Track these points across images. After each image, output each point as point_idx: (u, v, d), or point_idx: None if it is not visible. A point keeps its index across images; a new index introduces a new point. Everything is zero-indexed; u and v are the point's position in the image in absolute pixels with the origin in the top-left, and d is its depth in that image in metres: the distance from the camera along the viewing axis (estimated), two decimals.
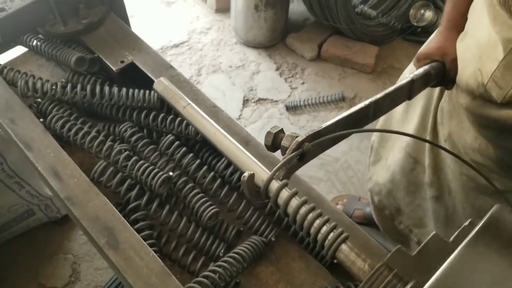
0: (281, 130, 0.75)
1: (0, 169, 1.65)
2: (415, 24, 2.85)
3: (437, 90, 1.22)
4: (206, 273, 0.92)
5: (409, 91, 0.99)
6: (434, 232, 0.67)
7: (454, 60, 1.04)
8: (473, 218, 1.17)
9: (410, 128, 1.34)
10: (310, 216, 0.70)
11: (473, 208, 1.18)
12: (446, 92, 1.16)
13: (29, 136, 1.05)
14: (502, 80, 0.88)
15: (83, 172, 1.00)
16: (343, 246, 0.66)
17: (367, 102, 0.86)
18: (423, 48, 1.11)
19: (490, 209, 1.07)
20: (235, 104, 2.53)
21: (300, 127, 2.45)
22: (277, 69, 2.73)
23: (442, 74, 1.06)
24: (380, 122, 1.52)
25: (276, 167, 0.71)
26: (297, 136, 0.73)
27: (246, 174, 0.72)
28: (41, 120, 1.10)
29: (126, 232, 0.92)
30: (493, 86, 0.91)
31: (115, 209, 0.95)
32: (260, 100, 2.57)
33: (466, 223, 0.67)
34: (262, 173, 0.79)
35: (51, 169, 1.00)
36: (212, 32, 2.92)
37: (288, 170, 0.74)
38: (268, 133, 0.75)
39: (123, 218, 0.94)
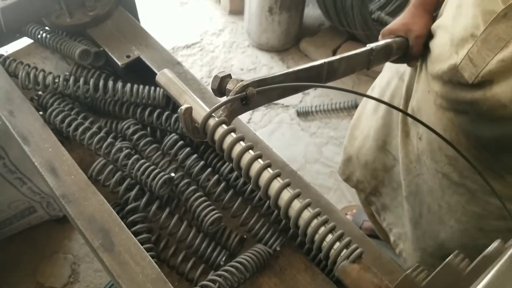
0: (229, 75, 0.74)
1: (2, 164, 1.61)
2: None
3: (403, 90, 1.19)
4: (205, 282, 0.86)
5: (367, 60, 0.97)
6: (447, 260, 0.56)
7: (418, 37, 1.03)
8: (448, 216, 1.14)
9: (379, 126, 1.32)
10: (321, 230, 0.63)
11: (449, 206, 1.13)
12: (414, 90, 1.13)
13: (27, 130, 1.01)
14: (478, 56, 0.83)
15: (81, 169, 0.95)
16: (356, 266, 0.59)
17: (321, 61, 0.84)
18: (389, 24, 1.10)
19: (465, 206, 1.04)
20: None
21: (311, 134, 2.39)
22: None
23: (405, 50, 1.05)
24: (352, 122, 1.51)
25: (216, 105, 0.69)
26: (242, 80, 0.72)
27: (183, 107, 0.68)
28: (41, 113, 1.05)
29: (123, 235, 0.87)
30: (466, 65, 0.86)
31: (113, 209, 0.90)
32: (270, 104, 2.52)
33: (485, 253, 0.56)
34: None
35: (48, 164, 0.95)
36: (225, 34, 2.88)
37: (231, 112, 0.72)
38: (215, 77, 0.73)
39: (120, 219, 0.89)
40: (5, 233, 1.83)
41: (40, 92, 1.12)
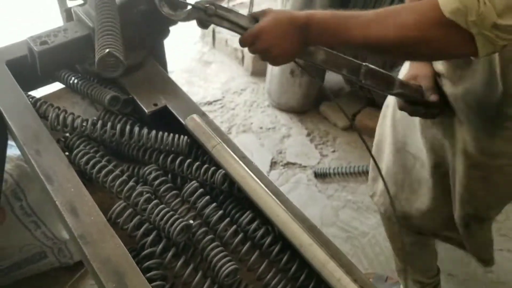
0: None
1: (19, 206, 1.62)
2: None
3: None
4: None
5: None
6: None
7: (427, 77, 1.08)
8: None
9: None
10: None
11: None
12: None
13: (52, 169, 1.02)
14: None
15: (101, 212, 0.96)
16: None
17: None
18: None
19: None
20: (262, 166, 2.48)
21: (328, 196, 2.37)
22: (308, 135, 2.69)
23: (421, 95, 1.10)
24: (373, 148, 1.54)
25: None
26: None
27: None
28: (67, 154, 1.07)
29: (137, 280, 0.85)
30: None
31: (129, 253, 0.89)
32: (288, 164, 2.52)
33: None
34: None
35: (69, 204, 0.96)
36: (246, 93, 2.95)
37: None
38: None
39: (135, 264, 0.87)
40: (13, 277, 1.80)
41: (67, 134, 1.15)
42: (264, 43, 1.00)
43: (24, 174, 1.59)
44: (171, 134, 1.13)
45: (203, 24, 1.02)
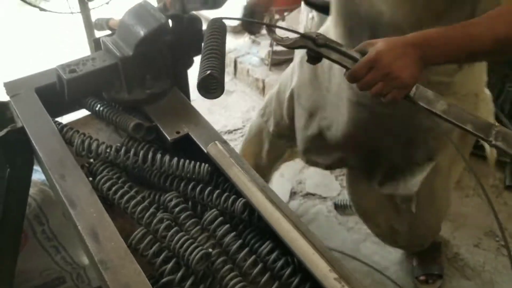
0: None
1: (41, 230, 1.64)
2: None
3: None
4: None
5: None
6: None
7: None
8: None
9: None
10: None
11: None
12: None
13: (75, 194, 1.04)
14: None
15: (122, 237, 0.96)
16: None
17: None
18: None
19: None
20: (282, 196, 2.46)
21: (348, 228, 2.34)
22: None
23: None
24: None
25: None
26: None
27: None
28: (90, 179, 1.09)
29: None
30: None
31: (148, 281, 0.89)
32: (308, 194, 2.51)
33: None
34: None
35: (91, 229, 0.97)
36: None
37: None
38: None
39: None
40: None
41: (91, 160, 1.17)
42: (385, 67, 0.97)
43: (47, 198, 1.61)
44: (192, 162, 1.14)
45: (311, 57, 1.02)
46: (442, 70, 1.24)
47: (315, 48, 0.99)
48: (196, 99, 1.30)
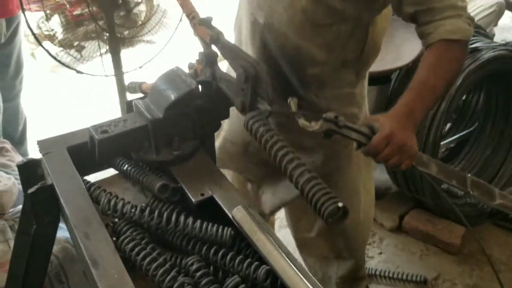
0: None
1: None
2: None
3: None
4: None
5: None
6: None
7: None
8: None
9: None
10: None
11: None
12: None
13: (98, 253, 1.03)
14: None
15: None
16: None
17: None
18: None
19: None
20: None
21: None
22: None
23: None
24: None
25: None
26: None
27: None
28: (114, 239, 1.09)
29: None
30: None
31: None
32: None
33: None
34: None
35: None
36: None
37: None
38: None
39: None
40: None
41: (116, 220, 1.17)
42: (400, 140, 1.14)
43: (69, 256, 1.62)
44: (216, 225, 1.13)
45: (329, 135, 1.13)
46: (346, 82, 1.52)
47: (338, 130, 1.11)
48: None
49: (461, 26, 1.26)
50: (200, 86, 1.34)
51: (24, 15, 2.49)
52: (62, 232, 1.60)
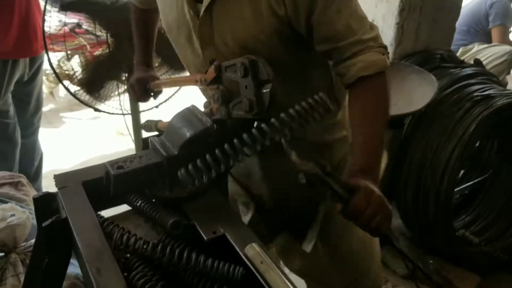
0: None
1: None
2: None
3: None
4: None
5: None
6: None
7: None
8: None
9: None
10: None
11: None
12: None
13: None
14: None
15: None
16: None
17: None
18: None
19: None
20: None
21: None
22: None
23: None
24: None
25: None
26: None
27: None
28: (125, 274, 1.08)
29: None
30: None
31: None
32: None
33: None
34: None
35: None
36: None
37: None
38: None
39: None
40: None
41: (128, 255, 1.17)
42: (378, 197, 1.13)
43: None
44: (227, 264, 1.13)
45: (311, 183, 1.12)
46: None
47: (323, 176, 1.10)
48: None
49: (372, 59, 1.25)
50: (215, 125, 1.36)
51: (47, 55, 2.59)
52: (72, 268, 1.60)
